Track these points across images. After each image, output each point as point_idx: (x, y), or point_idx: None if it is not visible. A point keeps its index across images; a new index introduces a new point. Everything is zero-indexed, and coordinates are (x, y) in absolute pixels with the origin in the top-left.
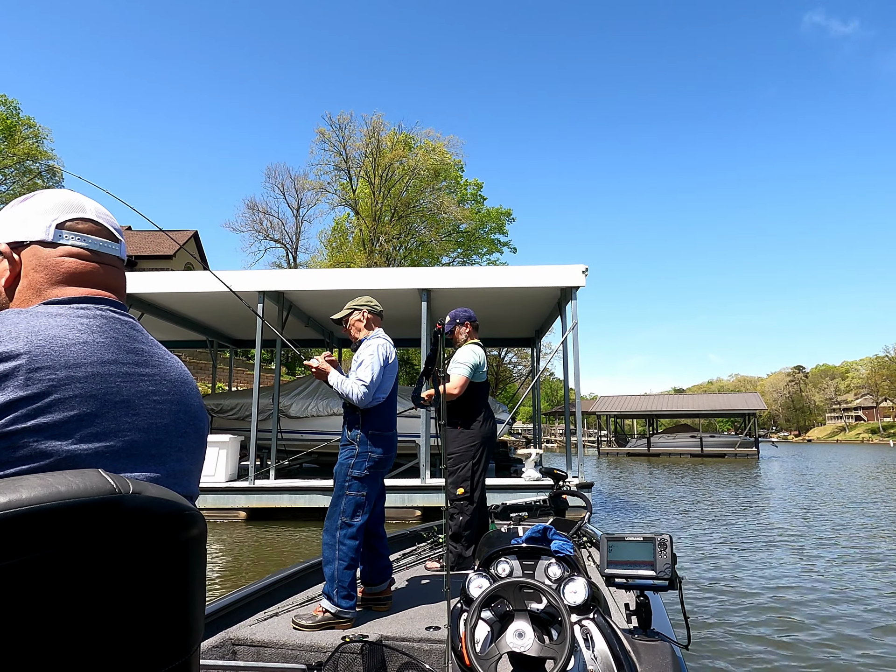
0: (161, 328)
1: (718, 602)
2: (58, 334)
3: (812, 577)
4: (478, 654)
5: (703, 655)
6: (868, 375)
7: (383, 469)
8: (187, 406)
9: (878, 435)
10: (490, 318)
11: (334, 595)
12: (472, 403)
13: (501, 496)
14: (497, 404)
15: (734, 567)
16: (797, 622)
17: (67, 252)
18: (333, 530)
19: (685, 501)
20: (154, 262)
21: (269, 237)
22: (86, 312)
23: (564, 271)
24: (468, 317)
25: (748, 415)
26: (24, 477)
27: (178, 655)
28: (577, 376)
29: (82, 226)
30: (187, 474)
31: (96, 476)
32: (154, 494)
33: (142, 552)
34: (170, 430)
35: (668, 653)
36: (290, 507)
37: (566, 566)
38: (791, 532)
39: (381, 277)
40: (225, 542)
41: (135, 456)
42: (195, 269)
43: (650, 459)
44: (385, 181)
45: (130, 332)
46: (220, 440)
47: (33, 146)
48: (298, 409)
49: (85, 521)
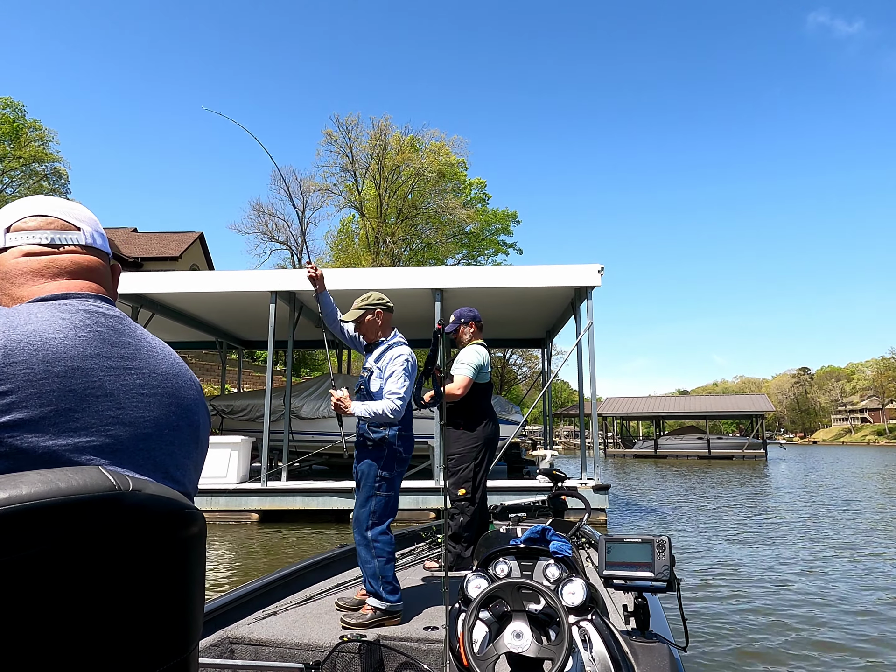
0: (171, 329)
1: (717, 604)
2: (37, 329)
3: (812, 580)
4: (476, 654)
5: (701, 657)
6: (874, 377)
7: (405, 467)
8: (179, 399)
9: (884, 437)
10: (501, 319)
11: (381, 591)
12: (475, 404)
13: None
14: (510, 405)
15: (733, 568)
16: (796, 625)
17: (20, 252)
18: (364, 530)
19: (698, 504)
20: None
21: (275, 239)
22: (67, 307)
23: (579, 271)
24: (473, 317)
25: (755, 416)
26: (24, 473)
27: (176, 653)
28: (592, 377)
29: (31, 223)
30: (180, 468)
31: (96, 472)
32: (154, 492)
33: (141, 550)
34: (159, 423)
35: (666, 654)
36: (303, 510)
37: (565, 567)
38: (792, 532)
39: (394, 277)
40: (237, 545)
41: (119, 451)
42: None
43: (657, 461)
44: (391, 182)
45: (116, 326)
46: (231, 441)
47: (39, 148)
48: (310, 410)
49: (84, 518)
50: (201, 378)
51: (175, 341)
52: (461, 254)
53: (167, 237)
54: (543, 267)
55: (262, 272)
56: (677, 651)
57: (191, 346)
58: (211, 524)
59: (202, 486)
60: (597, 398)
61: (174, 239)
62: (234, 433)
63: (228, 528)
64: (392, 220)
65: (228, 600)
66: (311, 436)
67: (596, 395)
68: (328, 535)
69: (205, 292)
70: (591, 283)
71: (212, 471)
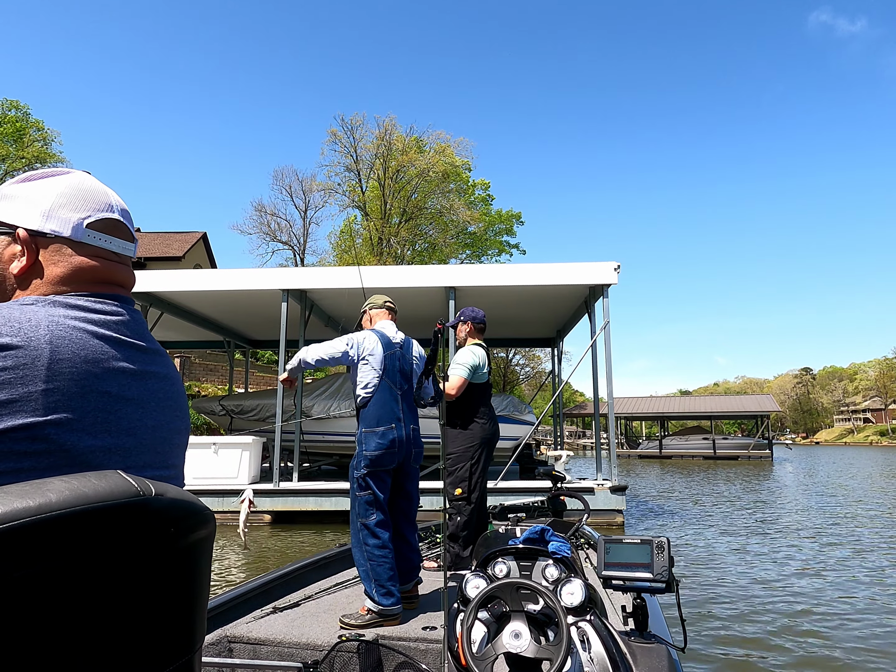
0: (179, 328)
1: (716, 605)
2: (76, 328)
3: (812, 580)
4: (474, 654)
5: (699, 658)
6: (876, 377)
7: (383, 467)
8: (181, 403)
9: (887, 437)
10: (513, 318)
11: (374, 594)
12: (471, 404)
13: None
14: (523, 405)
15: (732, 569)
16: (796, 626)
17: (93, 253)
18: (356, 532)
19: (712, 505)
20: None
21: (277, 239)
22: (96, 308)
23: (595, 268)
24: (472, 316)
25: (760, 417)
26: (49, 480)
27: (183, 653)
28: (608, 377)
29: (109, 226)
30: (182, 470)
31: (118, 478)
32: (175, 496)
33: (162, 553)
34: (172, 427)
35: (665, 655)
36: (316, 511)
37: (563, 567)
38: (792, 533)
39: (407, 276)
40: (251, 547)
41: (143, 453)
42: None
43: (662, 462)
44: (395, 182)
45: (138, 329)
46: (242, 441)
47: (42, 149)
48: (320, 410)
49: (112, 525)
50: (206, 378)
51: (183, 341)
52: (464, 254)
53: (170, 237)
54: (558, 264)
55: (274, 270)
56: (676, 652)
57: (199, 345)
58: (222, 526)
59: (214, 486)
60: (613, 398)
61: (177, 239)
62: (243, 433)
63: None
64: (396, 221)
65: (227, 599)
66: (322, 436)
67: (612, 395)
68: (345, 538)
69: (216, 290)
70: (607, 281)
71: (223, 471)
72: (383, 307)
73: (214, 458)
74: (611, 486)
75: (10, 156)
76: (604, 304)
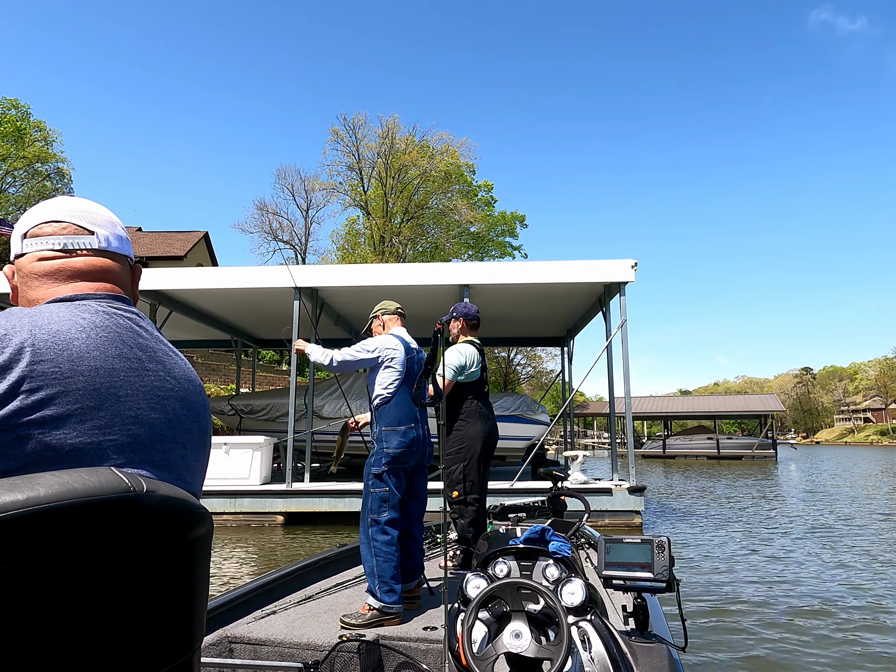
0: (187, 327)
1: (716, 605)
2: (60, 329)
3: (812, 581)
4: (474, 654)
5: (700, 658)
6: (877, 377)
7: (403, 464)
8: (191, 403)
9: (887, 437)
10: (523, 317)
11: (377, 591)
12: (461, 404)
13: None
14: (536, 405)
15: (732, 569)
16: (796, 625)
17: (35, 257)
18: (365, 528)
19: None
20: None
21: (279, 238)
22: (86, 308)
23: (610, 266)
24: (465, 312)
25: (763, 416)
26: (40, 475)
27: (182, 653)
28: (626, 376)
29: (47, 229)
30: (191, 471)
31: (110, 474)
32: (167, 493)
33: (154, 550)
34: (174, 425)
35: (666, 655)
36: (329, 512)
37: (564, 567)
38: (793, 534)
39: (421, 274)
40: (264, 548)
41: (138, 450)
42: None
43: (666, 461)
44: (398, 182)
45: (134, 327)
46: (253, 442)
47: (42, 149)
48: (331, 410)
49: (101, 520)
50: (208, 377)
51: (190, 340)
52: (466, 255)
53: (172, 236)
54: (574, 262)
55: (285, 267)
56: (676, 652)
57: (206, 344)
58: (235, 527)
59: (226, 487)
60: (588, 399)
61: (179, 238)
62: (252, 433)
63: (251, 531)
64: (398, 220)
65: (228, 599)
66: (333, 436)
67: (630, 395)
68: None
69: (226, 288)
70: (624, 279)
71: (234, 472)
72: (395, 313)
73: (226, 459)
74: (629, 486)
75: (10, 155)
76: (620, 302)
